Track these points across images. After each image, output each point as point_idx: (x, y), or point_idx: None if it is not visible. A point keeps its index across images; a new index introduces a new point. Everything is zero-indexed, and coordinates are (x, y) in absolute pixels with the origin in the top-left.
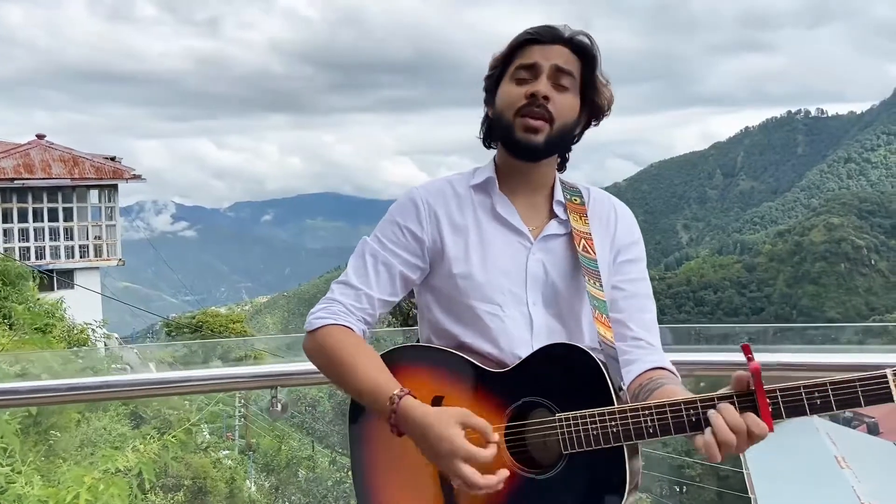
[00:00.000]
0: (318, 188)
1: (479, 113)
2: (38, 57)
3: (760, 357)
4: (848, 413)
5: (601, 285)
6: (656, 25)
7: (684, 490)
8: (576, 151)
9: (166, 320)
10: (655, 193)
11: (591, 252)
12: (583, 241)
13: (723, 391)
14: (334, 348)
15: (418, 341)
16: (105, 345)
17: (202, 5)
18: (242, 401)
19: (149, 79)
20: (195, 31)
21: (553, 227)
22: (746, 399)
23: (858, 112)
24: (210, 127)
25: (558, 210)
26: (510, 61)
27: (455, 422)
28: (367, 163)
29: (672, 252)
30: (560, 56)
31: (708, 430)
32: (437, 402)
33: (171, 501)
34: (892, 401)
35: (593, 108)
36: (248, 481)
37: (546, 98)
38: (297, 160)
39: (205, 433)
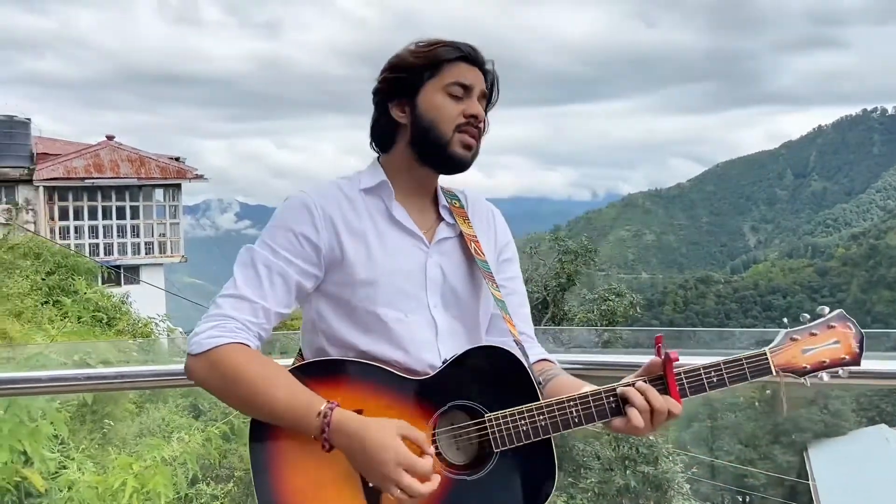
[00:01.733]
0: None
1: (536, 113)
2: (109, 60)
3: None
4: None
5: (497, 285)
6: (719, 22)
7: (748, 501)
8: (634, 150)
9: None
10: (721, 194)
11: (482, 254)
12: (472, 243)
13: (633, 378)
14: (238, 369)
15: (300, 352)
16: (168, 338)
17: (263, 8)
18: None
19: (212, 80)
20: (256, 34)
21: (444, 231)
22: (657, 382)
23: None
24: (270, 127)
25: (445, 214)
26: (436, 72)
27: (395, 432)
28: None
29: (739, 255)
30: (482, 81)
31: (632, 410)
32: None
33: (222, 491)
34: (770, 373)
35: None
36: None
37: (483, 122)
38: (353, 160)
39: None
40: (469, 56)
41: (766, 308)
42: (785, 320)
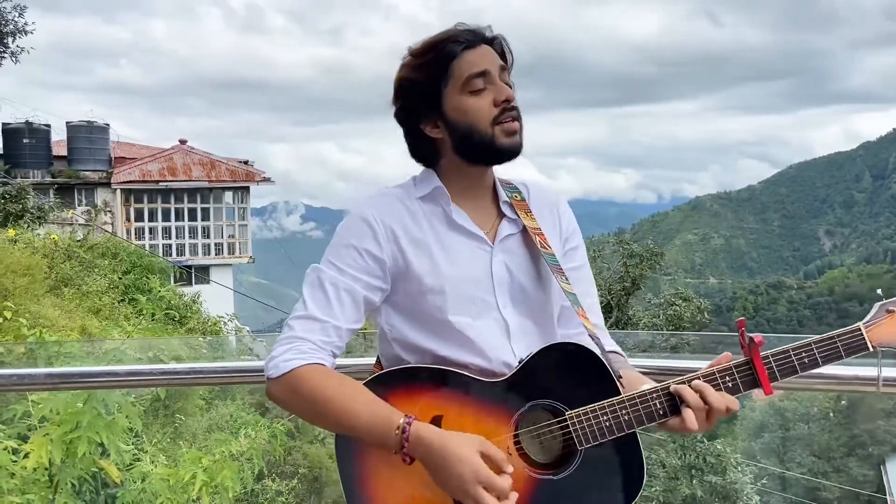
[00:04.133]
0: None
1: (600, 114)
2: (180, 68)
3: None
4: None
5: (566, 278)
6: (789, 19)
7: None
8: (702, 151)
9: None
10: (794, 197)
11: (548, 246)
12: (537, 237)
13: (719, 366)
14: (315, 390)
15: (378, 362)
16: (236, 336)
17: (326, 15)
18: None
19: (277, 86)
20: (320, 40)
21: (506, 228)
22: (744, 368)
23: None
24: (334, 131)
25: (506, 209)
26: (447, 76)
27: (475, 448)
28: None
29: (813, 260)
30: (494, 56)
31: (686, 410)
32: (436, 421)
33: (287, 487)
34: (867, 349)
35: None
36: None
37: (513, 99)
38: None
39: None
40: (470, 41)
41: (841, 315)
42: (879, 291)
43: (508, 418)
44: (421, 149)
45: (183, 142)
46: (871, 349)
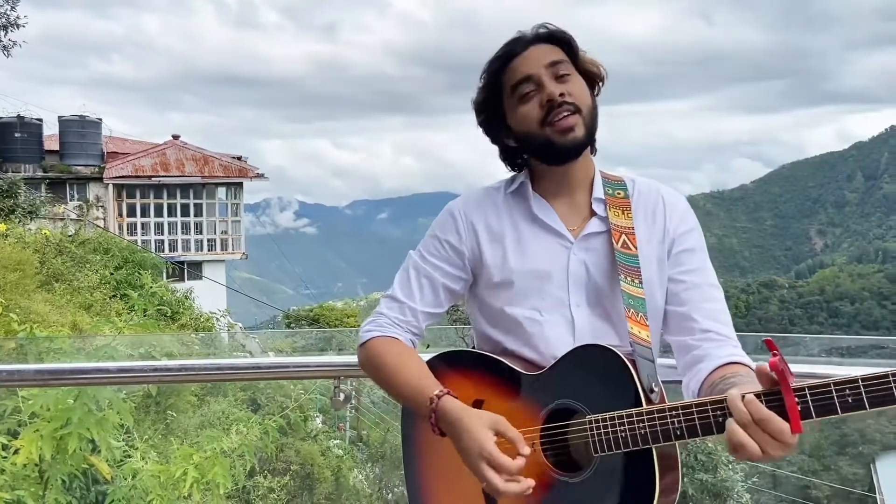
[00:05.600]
0: (431, 187)
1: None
2: (173, 63)
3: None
4: None
5: (640, 282)
6: (783, 20)
7: None
8: (696, 151)
9: (286, 312)
10: (787, 196)
11: (632, 247)
12: (623, 236)
13: (750, 390)
14: (381, 357)
15: (472, 346)
16: (228, 332)
17: (321, 11)
18: (353, 392)
19: (271, 82)
20: (314, 36)
21: (594, 225)
22: (774, 398)
23: None
24: (328, 128)
25: (598, 207)
26: (500, 91)
27: (487, 426)
28: (480, 163)
29: (804, 259)
30: (543, 53)
31: (730, 422)
32: (477, 405)
33: (279, 484)
34: None
35: (592, 78)
36: (354, 470)
37: (562, 95)
38: (410, 160)
39: (317, 422)
40: (513, 50)
41: (832, 314)
42: None
43: (537, 412)
44: (509, 158)
45: (176, 137)
46: None
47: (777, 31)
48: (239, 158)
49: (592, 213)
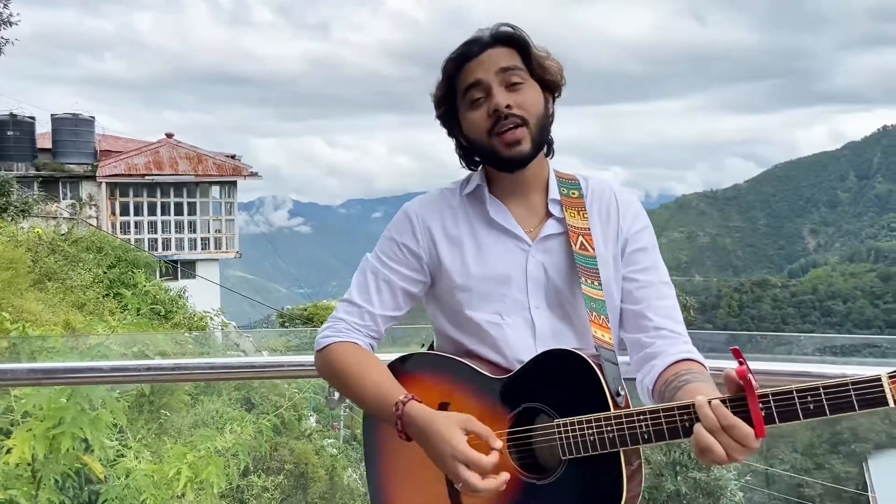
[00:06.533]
0: (425, 187)
1: (587, 112)
2: (166, 61)
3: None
4: None
5: (599, 284)
6: (775, 20)
7: None
8: (689, 150)
9: (280, 311)
10: (780, 196)
11: (590, 248)
12: (580, 237)
13: (708, 390)
14: (340, 363)
15: (433, 346)
16: (222, 331)
17: (314, 9)
18: None
19: (265, 80)
20: (308, 35)
21: (551, 227)
22: (739, 404)
23: None
24: (322, 126)
25: (554, 208)
26: (454, 91)
27: (458, 425)
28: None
29: (797, 258)
30: (496, 58)
31: (697, 427)
32: (443, 408)
33: (273, 483)
34: (886, 404)
35: (549, 85)
36: (348, 469)
37: (508, 106)
38: (404, 159)
39: (311, 421)
40: (468, 53)
41: (825, 314)
42: None
43: (505, 416)
44: (462, 154)
45: (170, 135)
46: (893, 405)
47: (769, 32)
48: (233, 157)
49: (549, 215)
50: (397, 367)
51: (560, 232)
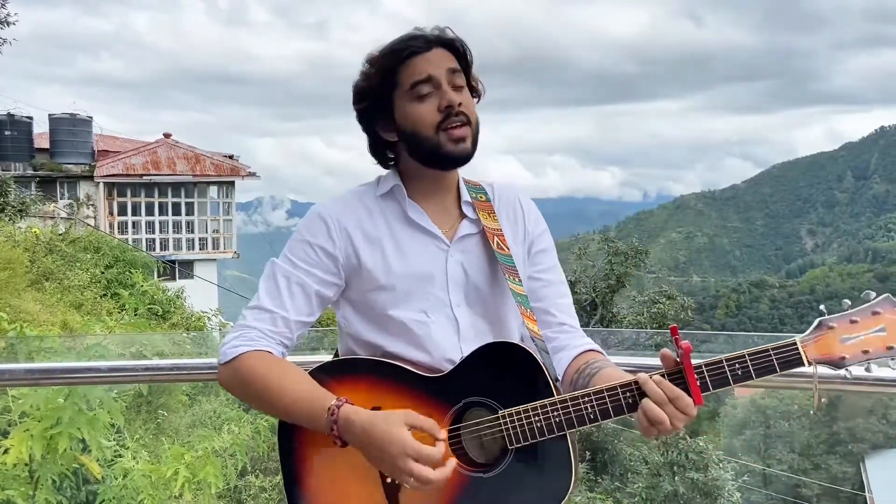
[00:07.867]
0: None
1: (585, 112)
2: (164, 61)
3: None
4: None
5: (520, 280)
6: (772, 20)
7: None
8: (687, 150)
9: None
10: (778, 196)
11: (505, 248)
12: (496, 238)
13: (621, 373)
14: (255, 373)
15: (337, 355)
16: (220, 332)
17: (311, 9)
18: None
19: (262, 80)
20: (304, 35)
21: (466, 228)
22: (676, 376)
23: None
24: (319, 126)
25: (467, 210)
26: (395, 83)
27: (401, 422)
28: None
29: (795, 259)
30: (444, 58)
31: (646, 400)
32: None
33: (271, 484)
34: (802, 365)
35: (478, 95)
36: None
37: (460, 104)
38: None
39: None
40: (417, 47)
41: (822, 314)
42: (822, 307)
43: (444, 414)
44: (379, 151)
45: (167, 135)
46: (808, 365)
47: (766, 32)
48: (231, 157)
49: (462, 216)
50: (316, 376)
51: (475, 232)
